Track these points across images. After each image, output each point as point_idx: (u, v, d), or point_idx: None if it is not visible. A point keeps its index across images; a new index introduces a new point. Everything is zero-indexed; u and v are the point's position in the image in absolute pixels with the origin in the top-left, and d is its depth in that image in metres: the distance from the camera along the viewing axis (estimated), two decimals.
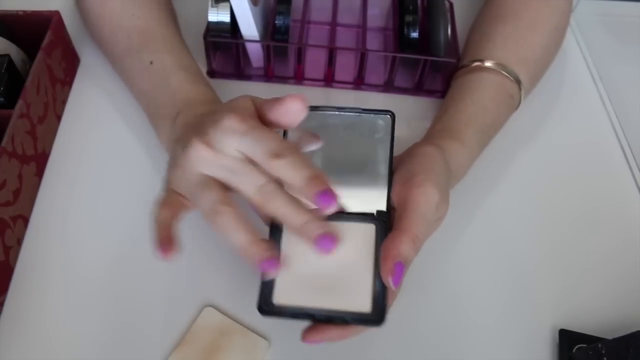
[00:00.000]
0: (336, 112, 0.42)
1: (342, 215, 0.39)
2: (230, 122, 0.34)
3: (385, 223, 0.38)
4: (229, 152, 0.34)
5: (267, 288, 0.36)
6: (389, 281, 0.34)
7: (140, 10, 0.52)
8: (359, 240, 0.38)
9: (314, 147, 0.40)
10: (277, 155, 0.32)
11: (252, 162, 0.33)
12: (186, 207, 0.38)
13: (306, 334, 0.36)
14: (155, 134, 0.48)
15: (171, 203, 0.37)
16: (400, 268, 0.34)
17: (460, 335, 0.43)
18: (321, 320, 0.35)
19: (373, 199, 0.40)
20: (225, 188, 0.34)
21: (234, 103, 0.38)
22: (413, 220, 0.36)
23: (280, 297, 0.36)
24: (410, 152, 0.43)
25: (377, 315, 0.35)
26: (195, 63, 0.51)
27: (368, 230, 0.38)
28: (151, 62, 0.48)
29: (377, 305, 0.35)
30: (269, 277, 0.35)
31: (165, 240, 0.35)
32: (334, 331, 0.36)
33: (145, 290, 0.44)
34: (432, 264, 0.46)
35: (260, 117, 0.37)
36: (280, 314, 0.35)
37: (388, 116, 0.42)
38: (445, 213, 0.40)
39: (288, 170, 0.33)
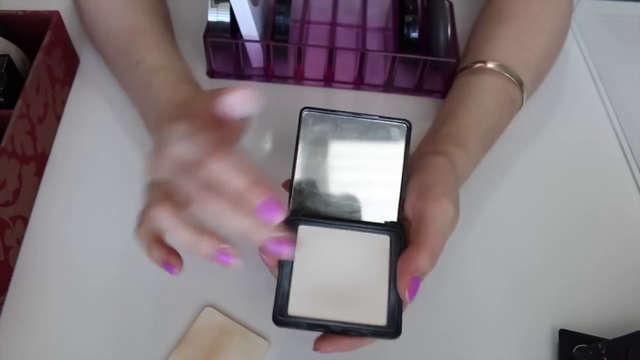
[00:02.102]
0: (351, 117, 0.41)
1: (357, 224, 0.39)
2: (177, 134, 0.34)
3: (400, 235, 0.38)
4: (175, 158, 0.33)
5: (282, 298, 0.36)
6: (406, 295, 0.35)
7: (130, 9, 0.51)
8: (373, 250, 0.38)
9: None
10: (213, 157, 0.32)
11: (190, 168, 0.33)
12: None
13: (319, 343, 0.36)
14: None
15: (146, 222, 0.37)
16: (417, 282, 0.35)
17: (460, 335, 0.43)
18: (337, 332, 0.35)
19: (386, 209, 0.40)
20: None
21: (193, 105, 0.38)
22: (431, 236, 0.36)
23: (295, 308, 0.36)
24: (423, 164, 0.42)
25: (392, 328, 0.35)
26: (182, 60, 0.50)
27: (383, 241, 0.38)
28: (137, 63, 0.48)
29: (392, 317, 0.35)
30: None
31: (167, 256, 0.35)
32: (347, 342, 0.36)
33: (145, 290, 0.44)
34: None
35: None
36: (295, 325, 0.35)
37: (404, 125, 0.41)
38: (457, 224, 0.40)
39: (226, 174, 0.32)
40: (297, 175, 0.40)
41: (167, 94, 0.45)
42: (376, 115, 0.41)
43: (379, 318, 0.35)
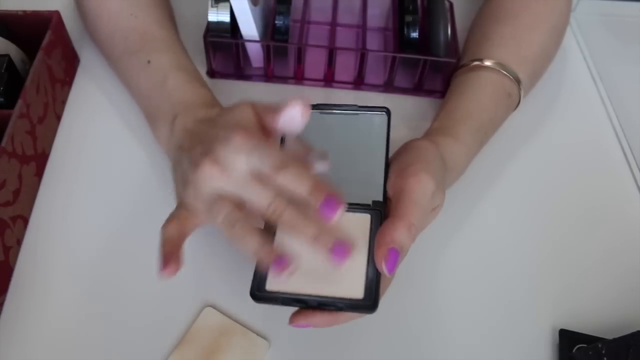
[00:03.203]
0: (333, 110, 0.43)
1: None
2: (238, 141, 0.34)
3: (381, 212, 0.39)
4: (238, 170, 0.34)
5: (260, 275, 0.36)
6: (383, 267, 0.34)
7: (138, 10, 0.52)
8: (353, 229, 0.38)
9: (322, 167, 0.39)
10: (280, 168, 0.33)
11: (260, 177, 0.34)
12: (195, 223, 0.38)
13: (293, 317, 0.36)
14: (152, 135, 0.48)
15: (180, 219, 0.38)
16: (395, 254, 0.35)
17: (460, 335, 0.43)
18: (313, 307, 0.35)
19: (370, 191, 0.40)
20: (236, 201, 0.35)
21: (237, 114, 0.38)
22: (408, 208, 0.36)
23: (273, 284, 0.36)
24: (405, 146, 0.43)
25: (369, 302, 0.35)
26: (192, 63, 0.51)
27: (363, 220, 0.39)
28: (148, 62, 0.48)
29: (369, 291, 0.35)
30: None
31: (169, 257, 0.36)
32: (320, 316, 0.36)
33: (145, 291, 0.44)
34: (431, 263, 0.46)
35: (262, 123, 0.37)
36: (272, 301, 0.36)
37: (384, 113, 0.42)
38: (442, 203, 0.40)
39: (291, 182, 0.33)
40: None
41: (181, 93, 0.46)
42: (356, 105, 0.43)
43: (356, 292, 0.35)
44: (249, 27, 0.52)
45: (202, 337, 0.41)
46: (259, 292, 0.36)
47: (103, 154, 0.52)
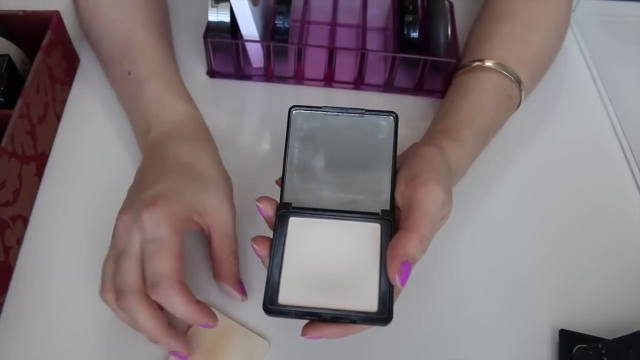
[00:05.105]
0: (339, 113, 0.42)
1: (347, 214, 0.39)
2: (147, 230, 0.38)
3: (391, 222, 0.39)
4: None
5: (272, 287, 0.36)
6: (396, 280, 0.34)
7: (125, 14, 0.51)
8: (364, 239, 0.38)
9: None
10: (154, 284, 0.36)
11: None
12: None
13: (306, 329, 0.36)
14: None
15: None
16: (408, 267, 0.35)
17: (460, 335, 0.43)
18: (327, 320, 0.35)
19: (377, 199, 0.40)
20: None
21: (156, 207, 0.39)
22: (420, 220, 0.36)
23: (285, 297, 0.36)
24: (411, 152, 0.43)
25: (384, 314, 0.35)
26: (175, 72, 0.51)
27: (373, 230, 0.38)
28: (129, 73, 0.49)
29: (383, 303, 0.35)
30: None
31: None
32: (333, 328, 0.36)
33: None
34: (432, 263, 0.46)
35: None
36: (285, 314, 0.35)
37: (391, 117, 0.42)
38: (450, 211, 0.40)
39: (162, 301, 0.37)
40: (288, 172, 0.41)
41: (159, 108, 0.47)
42: (363, 109, 0.42)
43: (370, 304, 0.35)
44: (249, 27, 0.52)
45: (202, 337, 0.41)
46: (272, 306, 0.35)
47: (103, 153, 0.52)
